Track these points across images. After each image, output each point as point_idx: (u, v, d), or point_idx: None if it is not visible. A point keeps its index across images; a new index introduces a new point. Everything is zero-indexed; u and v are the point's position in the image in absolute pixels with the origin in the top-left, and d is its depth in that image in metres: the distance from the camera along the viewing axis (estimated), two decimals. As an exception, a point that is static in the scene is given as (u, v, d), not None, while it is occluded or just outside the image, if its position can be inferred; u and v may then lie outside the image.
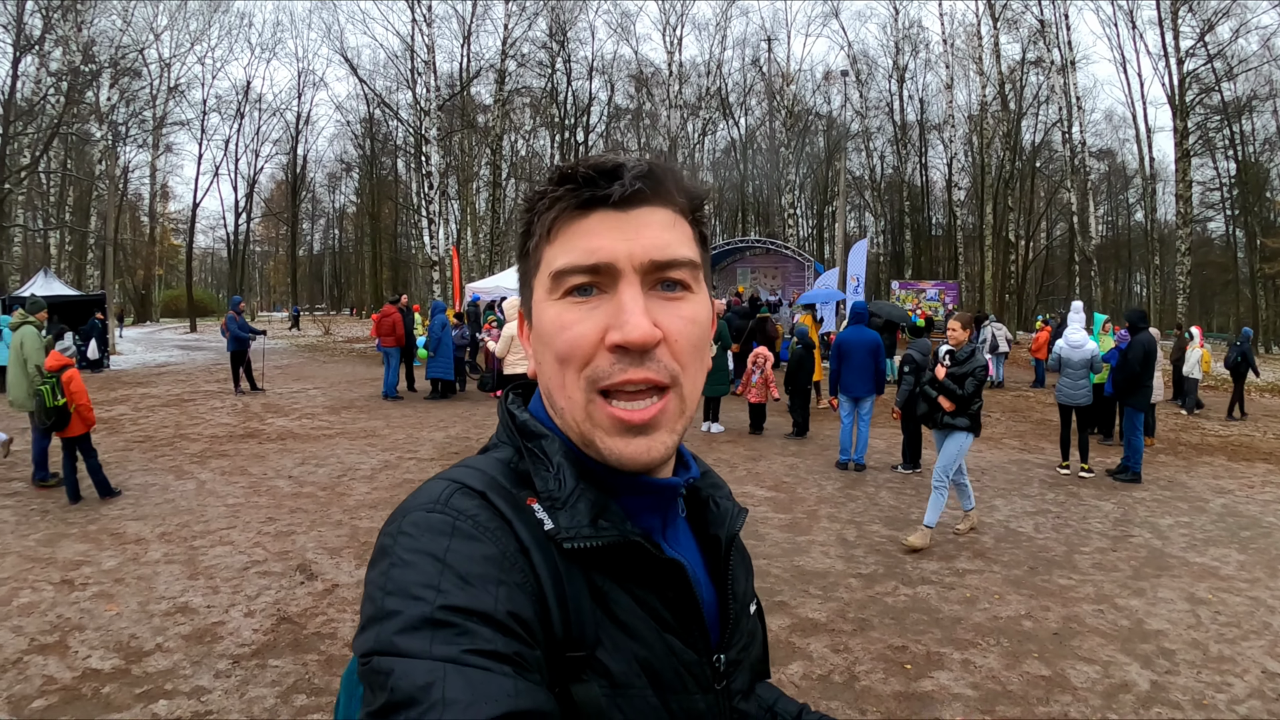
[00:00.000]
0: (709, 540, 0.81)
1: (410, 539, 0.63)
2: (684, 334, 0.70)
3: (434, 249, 31.11)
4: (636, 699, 0.66)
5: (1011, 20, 33.63)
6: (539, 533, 0.67)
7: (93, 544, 5.67)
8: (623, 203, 0.69)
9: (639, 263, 0.69)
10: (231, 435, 9.92)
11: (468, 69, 35.12)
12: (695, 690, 0.71)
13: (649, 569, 0.70)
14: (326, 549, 5.62)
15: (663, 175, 0.72)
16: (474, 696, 0.53)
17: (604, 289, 0.69)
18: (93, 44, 26.04)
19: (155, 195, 43.06)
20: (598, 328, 0.68)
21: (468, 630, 0.57)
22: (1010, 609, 4.85)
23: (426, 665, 0.55)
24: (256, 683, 3.70)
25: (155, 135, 34.58)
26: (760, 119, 44.91)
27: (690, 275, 0.72)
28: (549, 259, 0.72)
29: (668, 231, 0.71)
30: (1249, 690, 3.87)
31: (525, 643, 0.59)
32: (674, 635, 0.71)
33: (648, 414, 0.68)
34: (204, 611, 4.50)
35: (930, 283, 34.01)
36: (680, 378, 0.70)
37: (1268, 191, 36.43)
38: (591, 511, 0.68)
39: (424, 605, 0.58)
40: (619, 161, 0.71)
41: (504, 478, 0.71)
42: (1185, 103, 27.66)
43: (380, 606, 0.59)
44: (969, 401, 6.11)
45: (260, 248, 56.64)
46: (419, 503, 0.67)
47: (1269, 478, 9.03)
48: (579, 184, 0.70)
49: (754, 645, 0.84)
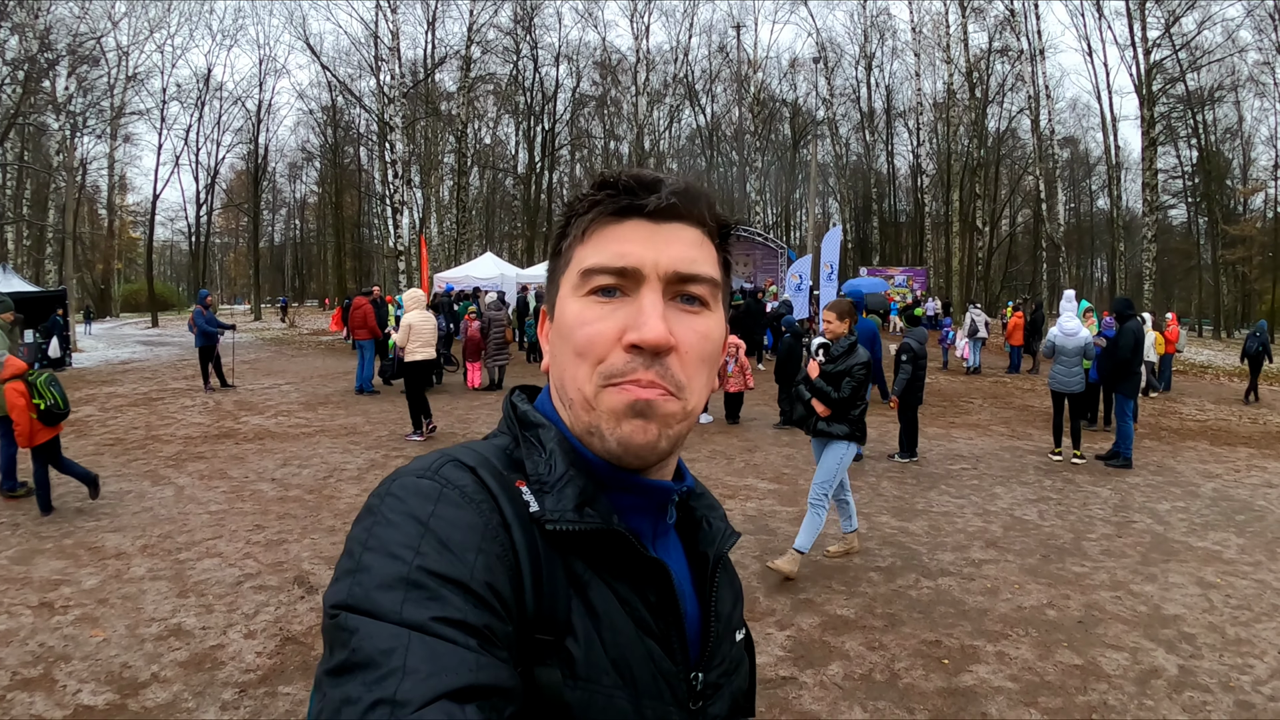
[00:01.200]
0: (698, 558, 0.81)
1: (397, 501, 0.63)
2: (695, 347, 0.72)
3: (399, 239, 30.64)
4: (601, 696, 0.65)
5: (979, 9, 33.93)
6: (524, 513, 0.67)
7: (70, 560, 5.33)
8: (657, 214, 0.72)
9: (664, 272, 0.71)
10: (206, 436, 9.55)
11: (433, 55, 34.55)
12: (671, 703, 0.70)
13: (632, 566, 0.70)
14: (323, 558, 5.36)
15: (697, 196, 0.75)
16: (435, 667, 0.53)
17: (627, 292, 0.71)
18: (49, 31, 25.04)
19: (113, 187, 41.75)
20: (617, 327, 0.69)
21: (440, 596, 0.57)
22: (1032, 599, 4.84)
23: (391, 629, 0.54)
24: (269, 714, 3.45)
25: (113, 125, 33.43)
26: (726, 106, 44.87)
27: (710, 293, 0.74)
28: (580, 258, 0.74)
29: (695, 249, 0.73)
30: (1270, 671, 3.97)
31: (497, 615, 0.59)
32: (654, 640, 0.70)
33: (652, 393, 0.68)
34: (199, 634, 4.20)
35: (898, 269, 34.35)
36: (685, 390, 0.71)
37: (1229, 179, 37.33)
38: (578, 498, 0.69)
39: (401, 565, 0.58)
40: (659, 176, 0.74)
41: (498, 460, 0.71)
42: (1151, 92, 28.15)
43: (357, 560, 0.60)
44: (847, 405, 5.15)
45: (220, 239, 55.32)
46: (410, 469, 0.67)
47: (1252, 462, 9.18)
48: (618, 191, 0.73)
49: (738, 675, 0.82)
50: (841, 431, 5.13)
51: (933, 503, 7.00)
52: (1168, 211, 40.33)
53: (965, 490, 7.45)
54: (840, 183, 45.53)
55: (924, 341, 8.74)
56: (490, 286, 19.80)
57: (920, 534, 6.09)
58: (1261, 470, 8.70)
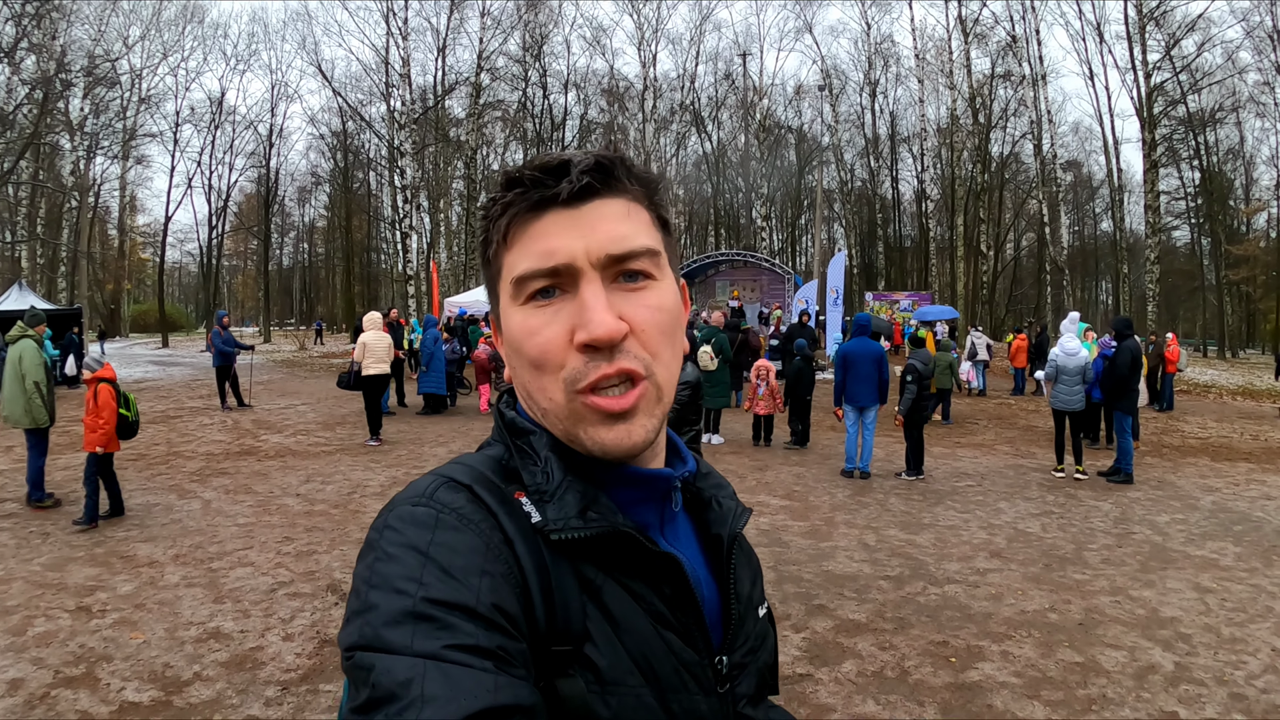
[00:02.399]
0: (711, 540, 0.80)
1: (395, 533, 0.63)
2: (651, 322, 0.70)
3: (408, 263, 30.95)
4: (629, 696, 0.65)
5: (981, 35, 34.42)
6: (526, 525, 0.66)
7: (103, 568, 5.53)
8: (573, 199, 0.69)
9: (596, 258, 0.68)
10: (228, 453, 9.78)
11: (443, 82, 35.10)
12: (697, 691, 0.70)
13: (643, 563, 0.69)
14: (353, 568, 5.55)
15: (611, 165, 0.71)
16: (453, 693, 0.53)
17: (565, 289, 0.69)
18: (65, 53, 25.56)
19: (125, 208, 42.32)
20: (564, 329, 0.68)
21: (449, 625, 0.57)
22: (1034, 603, 5.03)
23: (407, 661, 0.55)
24: (313, 709, 3.62)
25: (126, 147, 33.95)
26: (732, 132, 45.35)
27: (651, 263, 0.71)
28: (509, 265, 0.71)
29: (623, 223, 0.70)
30: (1263, 667, 4.17)
31: (509, 635, 0.59)
32: (672, 633, 0.70)
33: (626, 401, 0.67)
34: (238, 637, 4.38)
35: (903, 293, 34.48)
36: (653, 366, 0.69)
37: (1231, 200, 37.60)
38: (580, 503, 0.68)
39: (406, 599, 0.58)
40: (565, 158, 0.70)
41: (493, 473, 0.71)
42: (1153, 115, 28.45)
43: (364, 600, 0.59)
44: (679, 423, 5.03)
45: (230, 262, 55.91)
46: (405, 497, 0.67)
47: (1252, 476, 9.33)
48: (527, 186, 0.70)
49: (763, 650, 0.83)
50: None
51: (939, 517, 7.18)
52: (1171, 233, 40.59)
53: (970, 505, 7.63)
54: (845, 208, 45.90)
55: (928, 362, 8.96)
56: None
57: (927, 546, 6.27)
58: (1261, 484, 8.86)
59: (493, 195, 0.73)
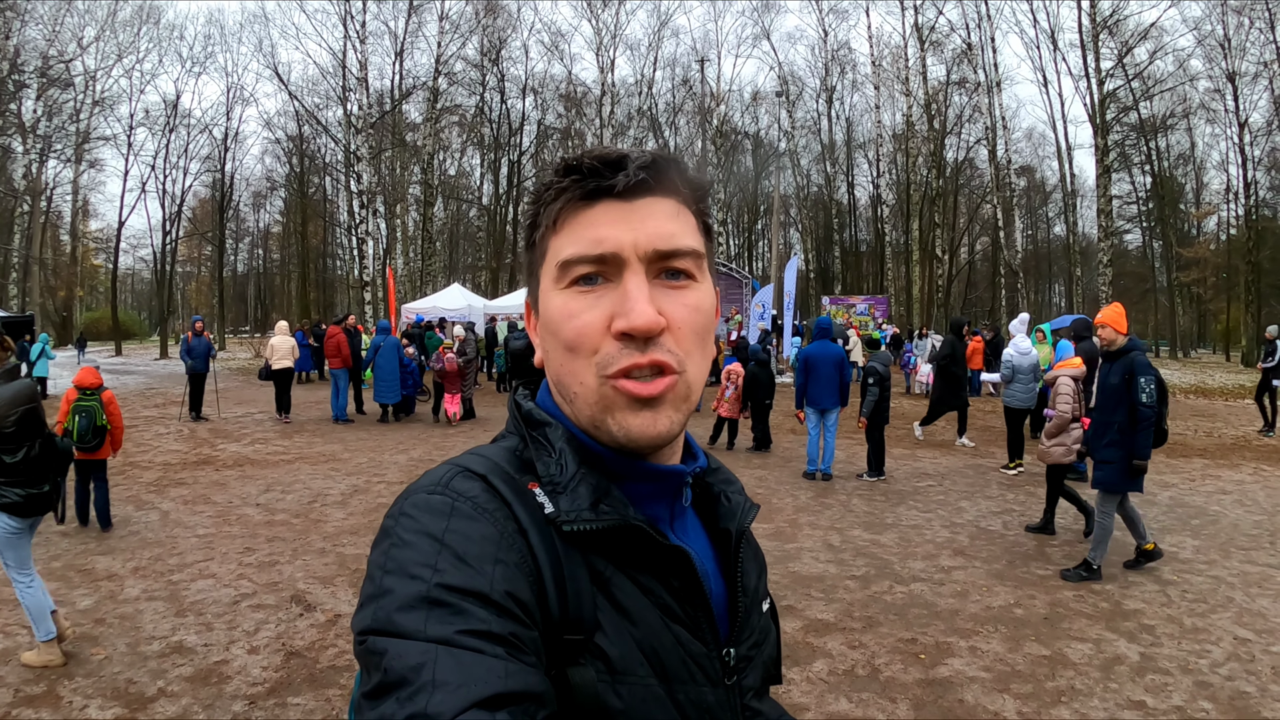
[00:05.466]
0: (720, 534, 0.81)
1: (411, 520, 0.64)
2: (688, 321, 0.71)
3: (364, 269, 30.57)
4: (638, 686, 0.66)
5: (937, 43, 35.06)
6: (539, 516, 0.67)
7: (61, 582, 5.36)
8: (627, 193, 0.71)
9: (643, 252, 0.70)
10: (185, 463, 9.55)
11: (400, 86, 34.76)
12: (704, 683, 0.71)
13: (653, 556, 0.71)
14: (317, 578, 5.46)
15: (666, 166, 0.73)
16: (464, 678, 0.54)
17: (609, 278, 0.70)
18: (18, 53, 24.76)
19: (77, 213, 41.07)
20: (604, 315, 0.69)
21: (462, 610, 0.57)
22: (1000, 599, 5.14)
23: (419, 646, 0.55)
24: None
25: (79, 150, 33.00)
26: (689, 138, 45.57)
27: (694, 264, 0.73)
28: (555, 249, 0.73)
29: (671, 221, 0.72)
30: (1226, 655, 4.31)
31: (521, 622, 0.60)
32: (681, 626, 0.71)
33: (655, 388, 0.68)
34: (202, 650, 4.29)
35: (860, 297, 34.92)
36: (685, 363, 0.70)
37: (1182, 204, 38.78)
38: (592, 495, 0.69)
39: (420, 584, 0.58)
40: (624, 153, 0.72)
41: (508, 464, 0.72)
42: (1106, 121, 29.19)
43: (379, 585, 0.60)
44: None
45: (183, 268, 54.63)
46: (421, 485, 0.68)
47: (1207, 471, 9.62)
48: (584, 175, 0.71)
49: (767, 644, 0.84)
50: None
51: (901, 517, 7.29)
52: (1123, 236, 41.70)
53: (932, 505, 7.75)
54: (802, 213, 46.32)
55: (888, 364, 9.10)
56: (458, 317, 19.90)
57: (891, 545, 6.36)
58: (1216, 479, 9.15)
59: (547, 180, 0.75)
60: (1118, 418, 5.46)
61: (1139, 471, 5.42)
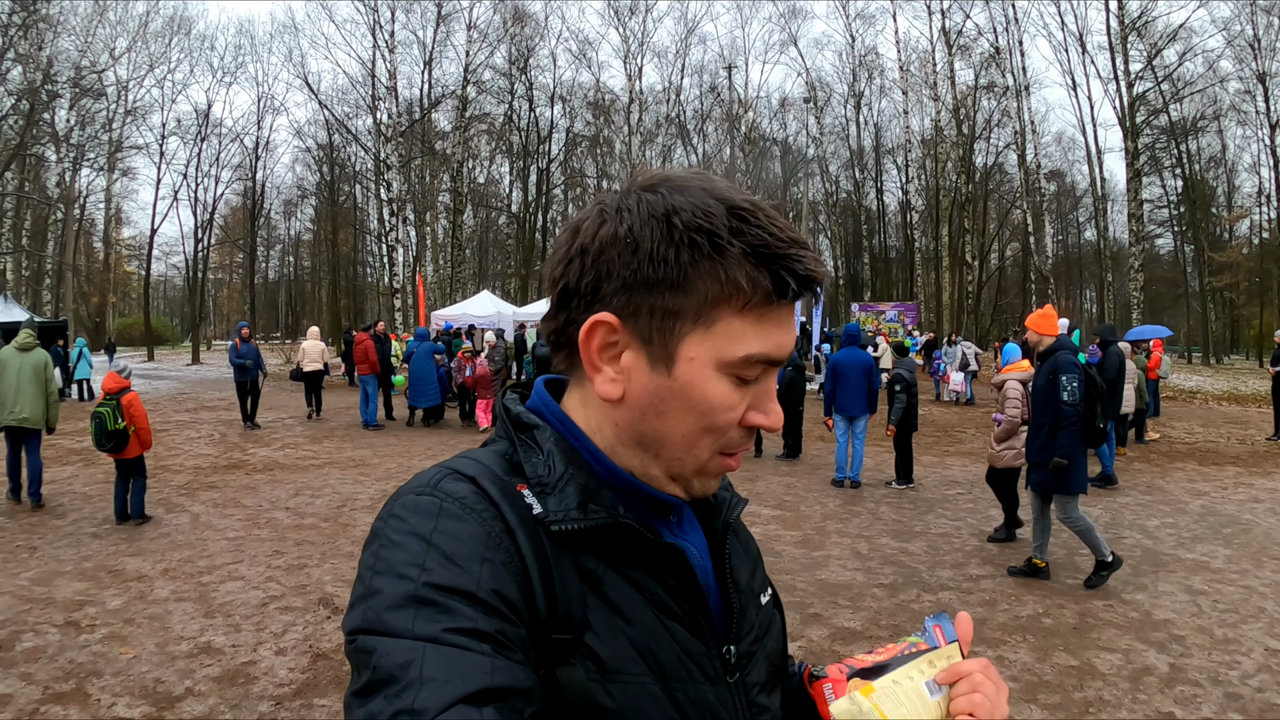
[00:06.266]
0: (711, 530, 0.82)
1: (399, 521, 0.65)
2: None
3: (394, 277, 30.87)
4: (632, 686, 0.66)
5: (964, 47, 34.76)
6: (527, 516, 0.67)
7: (91, 582, 5.47)
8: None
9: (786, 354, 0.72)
10: (215, 466, 9.71)
11: (429, 95, 35.12)
12: (703, 681, 0.71)
13: (646, 554, 0.71)
14: (345, 582, 5.51)
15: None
16: (450, 674, 0.55)
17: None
18: (51, 64, 25.37)
19: (110, 221, 41.95)
20: (746, 406, 0.71)
21: (449, 609, 0.58)
22: (1028, 609, 5.06)
23: (407, 644, 0.56)
24: (306, 722, 3.60)
25: (111, 159, 33.72)
26: (718, 145, 45.54)
27: None
28: (737, 332, 0.68)
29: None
30: (1257, 666, 4.22)
31: (508, 620, 0.60)
32: (678, 623, 0.71)
33: (739, 461, 0.74)
34: (230, 651, 4.34)
35: (889, 304, 34.66)
36: None
37: (1213, 207, 38.04)
38: (580, 495, 0.69)
39: (408, 584, 0.59)
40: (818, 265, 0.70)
41: (498, 467, 0.72)
42: (1135, 124, 28.74)
43: (368, 585, 0.61)
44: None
45: (215, 275, 55.58)
46: (410, 487, 0.69)
47: (1240, 479, 9.41)
48: (798, 283, 0.68)
49: (769, 637, 0.83)
50: None
51: (930, 525, 7.20)
52: (1154, 241, 40.98)
53: (961, 513, 7.66)
54: (830, 220, 46.09)
55: (914, 370, 9.02)
56: (488, 324, 20.04)
57: (919, 554, 6.29)
58: (1249, 487, 8.95)
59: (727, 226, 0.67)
60: (1048, 418, 5.41)
61: (1059, 470, 5.33)
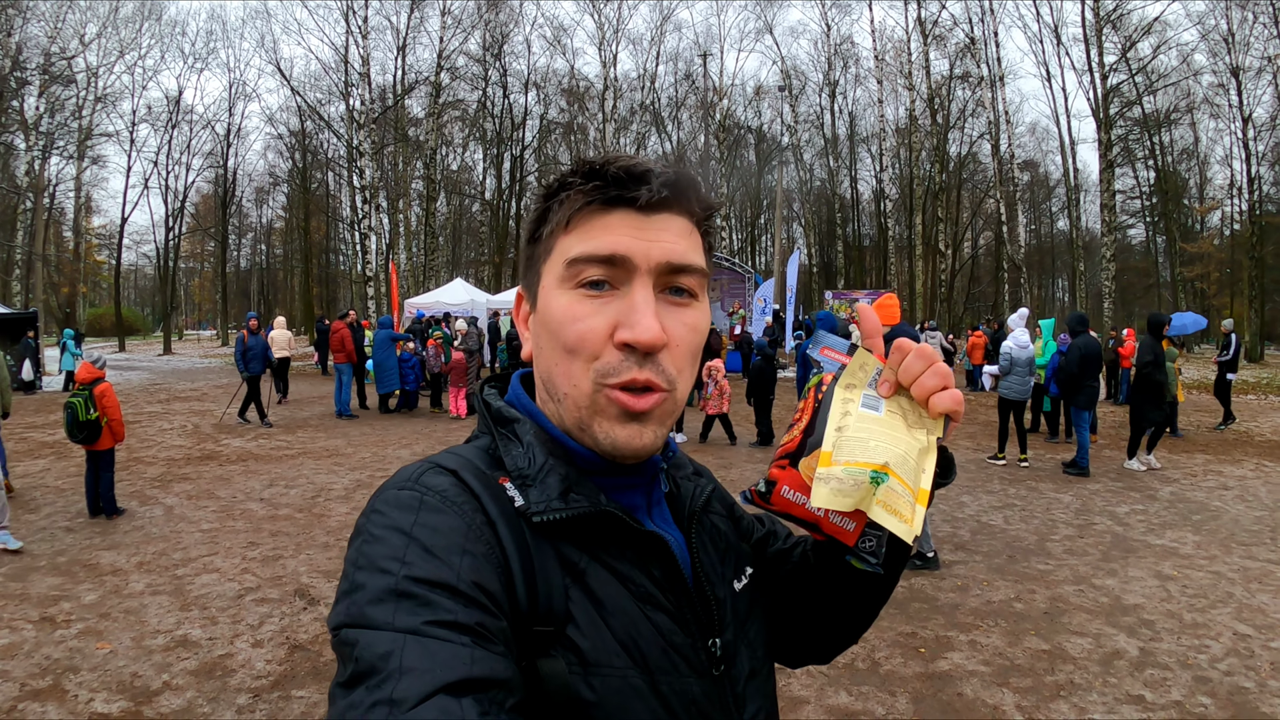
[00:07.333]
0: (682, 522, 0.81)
1: (381, 516, 0.65)
2: (685, 340, 0.73)
3: (367, 264, 30.57)
4: (614, 678, 0.66)
5: (940, 37, 34.92)
6: (509, 509, 0.68)
7: (66, 577, 5.42)
8: (646, 207, 0.71)
9: (654, 264, 0.70)
10: (189, 458, 9.60)
11: (402, 82, 34.72)
12: (688, 674, 0.71)
13: (628, 543, 0.71)
14: (321, 572, 5.50)
15: (686, 185, 0.74)
16: (430, 664, 0.55)
17: (617, 285, 0.70)
18: (20, 50, 24.74)
19: (80, 210, 41.15)
20: (608, 323, 0.69)
21: (430, 601, 0.58)
22: (1000, 594, 5.15)
23: (388, 636, 0.56)
24: (285, 715, 3.59)
25: (81, 147, 33.00)
26: (692, 133, 45.48)
27: (698, 283, 0.74)
28: (564, 247, 0.72)
29: (684, 239, 0.73)
30: (1225, 650, 4.33)
31: (488, 612, 0.60)
32: (663, 614, 0.71)
33: (646, 403, 0.69)
34: (206, 644, 4.33)
35: (863, 292, 34.84)
36: (676, 380, 0.72)
37: (1185, 199, 38.64)
38: (562, 485, 0.70)
39: (389, 578, 0.60)
40: (649, 166, 0.72)
41: (481, 461, 0.72)
42: (1109, 116, 29.06)
43: (351, 580, 0.62)
44: None
45: (186, 264, 54.74)
46: (393, 482, 0.69)
47: (1209, 467, 9.61)
48: (607, 182, 0.71)
49: (751, 623, 0.82)
50: None
51: (904, 511, 7.28)
52: (1126, 231, 41.56)
53: (933, 499, 7.75)
54: (805, 208, 46.21)
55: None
56: (461, 312, 19.93)
57: (894, 539, 6.36)
58: (1217, 474, 9.14)
59: (565, 178, 0.74)
60: None
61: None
